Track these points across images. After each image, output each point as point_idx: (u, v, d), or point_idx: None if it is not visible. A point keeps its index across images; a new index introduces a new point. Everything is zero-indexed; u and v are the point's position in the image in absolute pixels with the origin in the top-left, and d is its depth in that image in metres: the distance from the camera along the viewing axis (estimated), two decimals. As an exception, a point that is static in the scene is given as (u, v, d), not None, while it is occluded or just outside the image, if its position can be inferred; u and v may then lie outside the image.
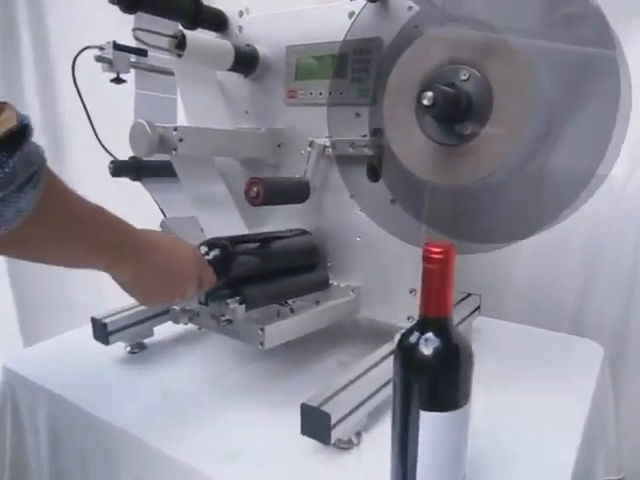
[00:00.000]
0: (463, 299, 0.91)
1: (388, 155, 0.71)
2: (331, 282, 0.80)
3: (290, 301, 0.80)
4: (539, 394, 0.74)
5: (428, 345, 0.46)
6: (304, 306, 0.77)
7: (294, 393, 0.65)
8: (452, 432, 0.47)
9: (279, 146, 0.83)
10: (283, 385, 0.76)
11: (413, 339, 0.47)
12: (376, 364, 0.69)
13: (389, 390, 0.67)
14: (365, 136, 0.73)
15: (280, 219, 0.83)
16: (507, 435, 0.65)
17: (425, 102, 0.47)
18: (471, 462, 0.52)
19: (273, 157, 0.84)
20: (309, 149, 0.78)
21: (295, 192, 0.76)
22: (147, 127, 0.68)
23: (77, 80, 0.81)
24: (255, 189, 0.69)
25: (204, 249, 0.65)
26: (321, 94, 0.78)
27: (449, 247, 0.45)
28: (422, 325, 0.47)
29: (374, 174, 0.74)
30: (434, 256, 0.44)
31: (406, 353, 0.47)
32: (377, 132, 0.72)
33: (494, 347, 0.89)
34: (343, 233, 0.79)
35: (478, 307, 0.91)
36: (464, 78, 0.51)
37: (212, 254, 0.65)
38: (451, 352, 0.46)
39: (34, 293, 1.34)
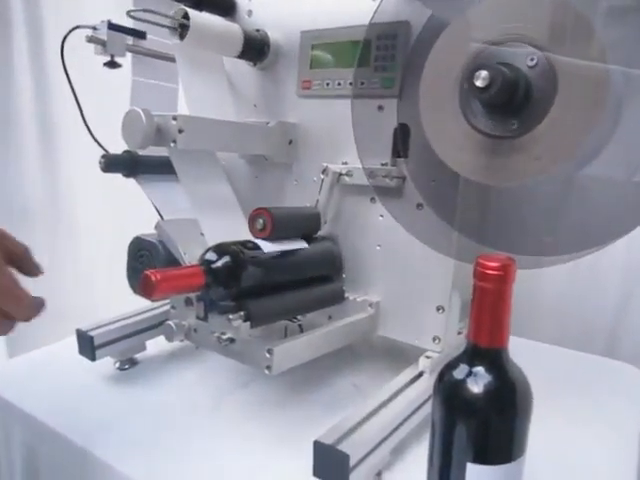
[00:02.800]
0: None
1: (415, 153, 0.63)
2: (346, 296, 0.71)
3: (300, 316, 0.71)
4: (579, 425, 0.66)
5: (478, 382, 0.37)
6: (315, 322, 0.69)
7: (303, 424, 0.57)
8: (505, 490, 0.38)
9: (290, 143, 0.75)
10: (290, 412, 0.67)
11: (459, 374, 0.38)
12: (399, 391, 0.60)
13: (414, 422, 0.60)
14: (385, 164, 0.65)
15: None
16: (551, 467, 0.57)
17: (478, 83, 0.39)
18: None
19: (283, 155, 0.75)
20: (322, 176, 0.69)
21: (305, 224, 0.68)
22: (142, 115, 0.60)
23: (72, 66, 0.73)
24: (261, 220, 0.61)
25: (212, 255, 0.56)
26: (339, 84, 0.70)
27: (509, 262, 0.36)
28: (471, 357, 0.38)
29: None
30: (491, 272, 0.36)
31: (450, 390, 0.39)
32: (404, 127, 0.64)
33: (527, 371, 0.80)
34: (361, 240, 0.70)
35: (506, 326, 0.83)
36: (531, 64, 0.42)
37: (221, 262, 0.56)
38: (507, 392, 0.38)
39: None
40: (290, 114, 0.76)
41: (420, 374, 0.64)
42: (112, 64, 0.72)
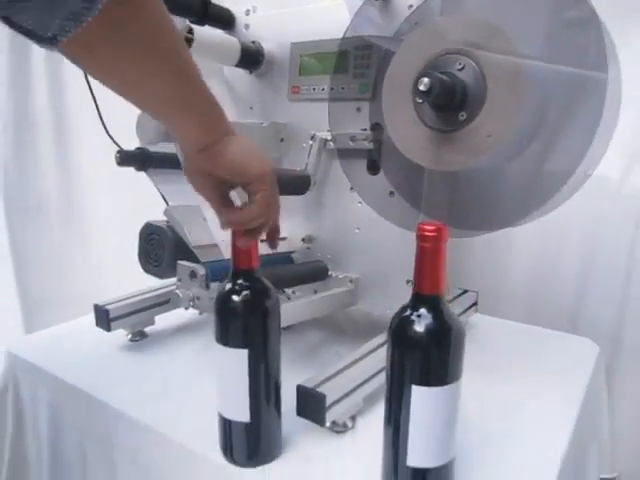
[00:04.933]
0: (460, 295, 0.92)
1: (387, 148, 0.73)
2: (330, 273, 0.81)
3: (289, 291, 0.81)
4: (532, 386, 0.75)
5: (421, 321, 0.47)
6: (302, 296, 0.79)
7: (291, 379, 0.65)
8: (442, 407, 0.48)
9: (282, 140, 0.85)
10: (283, 375, 0.77)
11: (406, 315, 0.48)
12: (372, 351, 0.70)
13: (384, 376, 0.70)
14: (365, 130, 0.75)
15: (282, 209, 0.84)
16: (498, 425, 0.66)
17: (422, 87, 0.49)
18: (461, 451, 0.53)
19: (276, 151, 0.86)
20: (311, 142, 0.80)
21: (296, 184, 0.78)
22: (154, 116, 0.70)
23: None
24: None
25: None
26: (323, 89, 0.81)
27: (442, 226, 0.46)
28: (415, 302, 0.48)
29: (374, 167, 0.76)
30: (428, 234, 0.46)
31: (399, 328, 0.49)
32: (377, 126, 0.74)
33: (490, 343, 0.90)
34: (342, 225, 0.81)
35: (475, 303, 0.93)
36: (459, 67, 0.53)
37: None
38: (443, 328, 0.48)
39: (38, 287, 1.36)
40: (282, 116, 0.86)
41: (391, 338, 0.74)
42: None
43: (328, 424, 0.64)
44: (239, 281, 0.55)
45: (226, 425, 0.58)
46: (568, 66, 0.58)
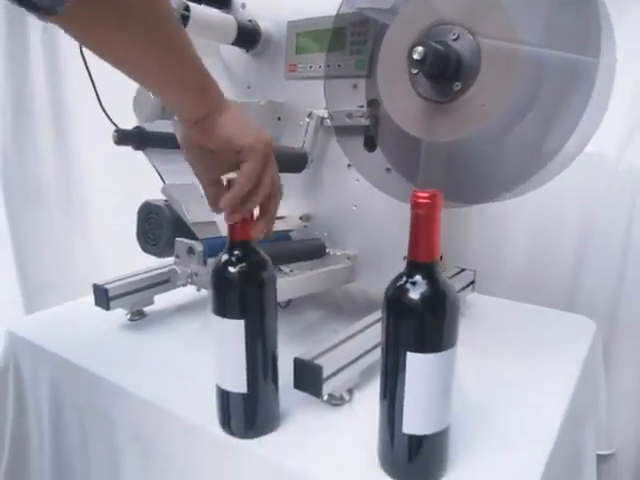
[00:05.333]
0: (457, 273, 0.92)
1: (384, 124, 0.73)
2: (328, 251, 0.82)
3: (287, 269, 0.82)
4: (528, 362, 0.76)
5: (415, 288, 0.48)
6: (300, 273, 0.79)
7: (289, 356, 0.65)
8: (437, 374, 0.49)
9: (279, 119, 0.85)
10: (281, 350, 0.78)
11: (401, 282, 0.49)
12: (369, 326, 0.71)
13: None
14: (362, 107, 0.75)
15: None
16: (494, 399, 0.67)
17: (416, 56, 0.49)
18: (456, 423, 0.54)
19: (273, 130, 0.86)
20: (308, 120, 0.80)
21: (293, 162, 0.78)
22: (150, 93, 0.70)
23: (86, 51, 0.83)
24: None
25: None
26: (320, 67, 0.81)
27: (436, 193, 0.46)
28: (410, 269, 0.49)
29: (371, 144, 0.76)
30: (422, 201, 0.46)
31: (394, 296, 0.49)
32: (373, 103, 0.74)
33: (487, 321, 0.91)
34: (339, 202, 0.81)
35: (472, 282, 0.93)
36: (453, 37, 0.53)
37: None
38: (438, 295, 0.48)
39: (38, 271, 1.37)
40: (279, 94, 0.86)
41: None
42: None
43: (325, 397, 0.65)
44: (235, 252, 0.55)
45: (224, 397, 0.59)
46: (561, 49, 0.58)
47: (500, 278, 1.07)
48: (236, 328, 0.54)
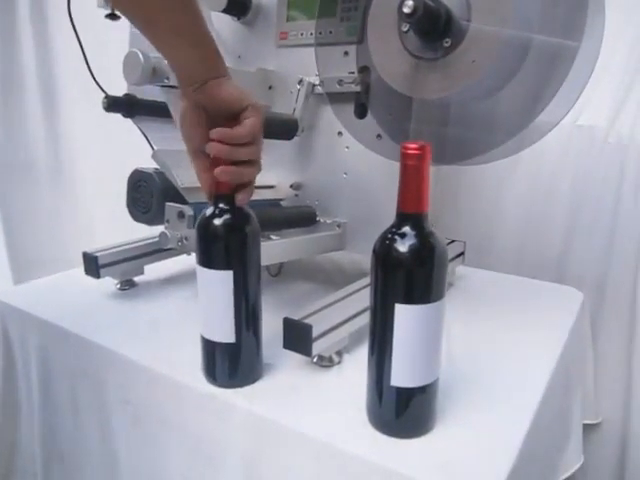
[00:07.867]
0: (447, 244, 0.92)
1: (375, 90, 0.73)
2: (318, 219, 0.82)
3: (276, 238, 0.82)
4: (516, 330, 0.77)
5: (404, 240, 0.48)
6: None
7: (279, 319, 0.65)
8: (425, 325, 0.49)
9: (270, 88, 0.85)
10: (271, 317, 0.78)
11: (390, 234, 0.49)
12: (359, 290, 0.71)
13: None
14: (353, 73, 0.75)
15: (270, 157, 0.84)
16: (481, 364, 0.67)
17: (405, 10, 0.49)
18: (444, 380, 0.55)
19: (264, 99, 0.85)
20: (298, 87, 0.79)
21: (284, 128, 0.78)
22: (140, 56, 0.69)
23: (75, 19, 0.82)
24: None
25: None
26: (312, 34, 0.80)
27: (425, 145, 0.47)
28: (399, 221, 0.49)
29: (362, 111, 0.76)
30: (411, 152, 0.46)
31: (382, 247, 0.49)
32: (364, 69, 0.74)
33: (476, 292, 0.92)
34: (330, 170, 0.81)
35: (462, 253, 0.94)
36: (444, -7, 0.53)
37: None
38: (426, 246, 0.48)
39: (28, 244, 1.36)
40: (270, 63, 0.86)
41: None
42: (113, 16, 0.82)
43: (315, 359, 0.65)
44: (220, 205, 0.56)
45: (210, 347, 0.60)
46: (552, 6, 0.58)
47: (490, 251, 1.07)
48: (224, 278, 0.56)
